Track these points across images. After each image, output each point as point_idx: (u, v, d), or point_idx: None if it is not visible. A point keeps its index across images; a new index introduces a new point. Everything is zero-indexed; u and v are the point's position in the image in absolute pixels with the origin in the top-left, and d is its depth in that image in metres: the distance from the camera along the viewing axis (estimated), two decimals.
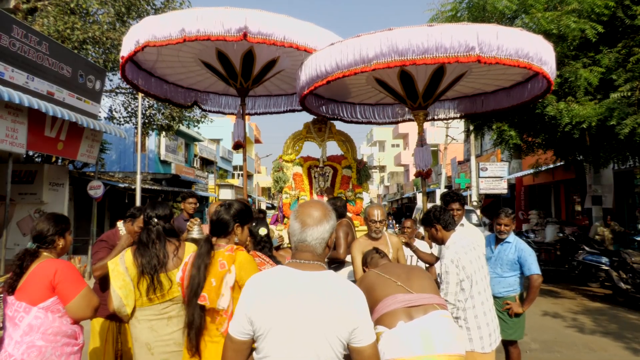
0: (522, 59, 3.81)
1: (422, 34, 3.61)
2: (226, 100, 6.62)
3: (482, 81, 5.41)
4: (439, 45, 3.59)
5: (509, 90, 5.47)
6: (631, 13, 7.41)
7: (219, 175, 32.59)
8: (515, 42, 3.75)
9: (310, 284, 1.58)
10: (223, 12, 3.98)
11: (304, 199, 5.41)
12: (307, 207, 1.70)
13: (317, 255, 1.66)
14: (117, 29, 11.92)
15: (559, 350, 5.35)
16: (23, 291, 2.27)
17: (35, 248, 2.43)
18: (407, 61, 3.65)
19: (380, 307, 2.31)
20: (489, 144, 20.59)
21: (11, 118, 7.92)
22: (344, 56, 3.85)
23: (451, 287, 2.90)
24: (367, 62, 3.74)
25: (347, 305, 1.56)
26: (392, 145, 52.81)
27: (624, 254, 8.15)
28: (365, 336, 1.57)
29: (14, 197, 9.84)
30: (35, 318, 2.22)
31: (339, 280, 1.65)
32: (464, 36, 3.60)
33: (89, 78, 10.26)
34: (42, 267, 2.30)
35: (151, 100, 14.93)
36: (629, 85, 7.21)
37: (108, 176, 16.47)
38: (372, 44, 3.70)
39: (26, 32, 8.24)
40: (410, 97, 4.83)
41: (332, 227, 1.69)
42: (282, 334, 1.53)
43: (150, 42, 4.14)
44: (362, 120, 6.42)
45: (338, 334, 1.53)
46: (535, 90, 4.98)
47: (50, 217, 2.52)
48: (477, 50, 3.61)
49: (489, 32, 3.69)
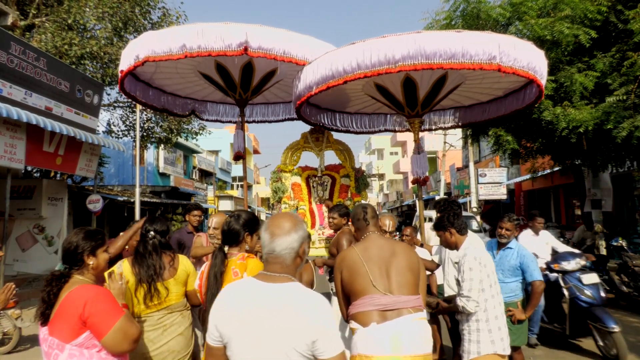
0: (531, 71, 3.96)
1: (451, 39, 3.67)
2: (224, 108, 6.66)
3: (474, 91, 5.48)
4: (465, 51, 3.63)
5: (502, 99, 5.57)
6: (624, 17, 7.48)
7: (218, 187, 32.57)
8: (528, 55, 3.90)
9: (272, 296, 1.59)
10: (223, 28, 4.02)
11: (303, 208, 5.41)
12: (276, 218, 1.72)
13: (287, 267, 1.66)
14: (115, 44, 12.00)
15: (562, 356, 5.31)
16: (54, 325, 2.00)
17: (65, 270, 2.11)
18: (434, 64, 3.65)
19: (357, 303, 2.43)
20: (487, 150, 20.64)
21: (9, 134, 7.94)
22: (366, 56, 3.78)
23: (475, 284, 2.92)
24: (392, 63, 3.70)
25: (307, 318, 1.54)
26: (391, 153, 52.91)
27: (626, 258, 8.13)
28: (327, 348, 1.53)
29: (12, 212, 9.82)
30: (70, 356, 1.97)
31: (304, 292, 1.63)
32: (488, 45, 3.68)
33: (87, 93, 10.30)
34: (70, 298, 1.99)
35: (149, 113, 14.98)
36: (624, 89, 7.26)
37: (107, 190, 16.46)
38: (400, 46, 3.68)
39: (24, 48, 8.29)
40: (409, 105, 4.86)
41: (302, 238, 1.68)
42: (243, 344, 1.57)
43: (150, 57, 4.18)
44: (357, 130, 6.46)
45: (295, 346, 1.52)
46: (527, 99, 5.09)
47: (79, 232, 2.18)
48: (498, 60, 3.69)
49: (508, 43, 3.80)
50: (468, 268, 2.95)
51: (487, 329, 2.97)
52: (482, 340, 2.97)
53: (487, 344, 2.96)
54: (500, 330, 2.99)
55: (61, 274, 2.08)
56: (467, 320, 3.04)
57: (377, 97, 5.19)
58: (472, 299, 2.91)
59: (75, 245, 2.11)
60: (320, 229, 5.34)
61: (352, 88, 5.23)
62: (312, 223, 5.43)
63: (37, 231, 10.78)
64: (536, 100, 4.95)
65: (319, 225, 5.42)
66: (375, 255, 2.53)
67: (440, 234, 3.27)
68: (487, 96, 5.72)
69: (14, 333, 5.84)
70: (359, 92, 5.42)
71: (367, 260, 2.49)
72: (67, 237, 2.18)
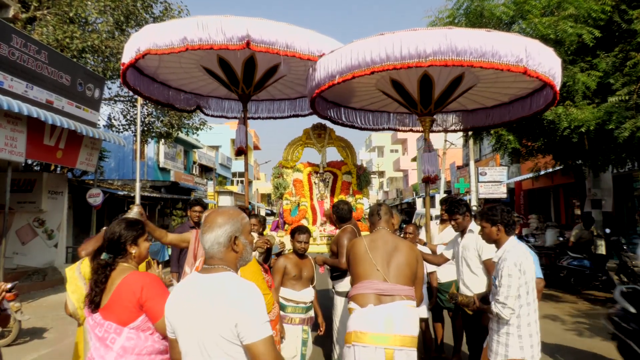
0: (551, 77, 3.98)
1: (482, 37, 3.66)
2: (229, 104, 6.63)
3: (485, 94, 5.47)
4: (495, 51, 3.61)
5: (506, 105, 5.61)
6: (627, 17, 7.46)
7: (218, 182, 32.57)
8: (550, 60, 3.92)
9: (205, 286, 1.64)
10: (225, 21, 3.98)
11: (305, 205, 5.40)
12: (209, 215, 1.77)
13: (221, 260, 1.69)
14: (116, 38, 11.97)
15: (561, 355, 5.32)
16: (110, 310, 2.09)
17: (110, 259, 2.21)
18: (464, 62, 3.63)
19: (358, 286, 2.84)
20: (488, 149, 20.64)
21: (10, 127, 7.92)
22: (396, 48, 3.74)
23: (512, 291, 2.83)
24: (423, 57, 3.66)
25: (228, 303, 1.57)
26: (391, 150, 52.88)
27: (625, 258, 8.14)
28: (249, 333, 1.53)
29: (12, 205, 9.81)
30: (128, 339, 2.08)
31: (233, 279, 1.65)
32: (516, 46, 3.69)
33: (88, 86, 10.28)
34: (127, 283, 2.10)
35: (150, 108, 14.96)
36: (627, 89, 7.24)
37: (107, 184, 16.46)
38: (431, 40, 3.65)
39: (25, 41, 8.26)
40: (423, 103, 4.84)
41: (228, 231, 1.69)
42: (183, 334, 1.65)
43: (152, 50, 4.15)
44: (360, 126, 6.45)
45: (221, 333, 1.55)
46: (540, 104, 5.09)
47: (121, 222, 2.29)
48: (525, 62, 3.69)
49: (534, 47, 3.81)
50: (507, 274, 2.86)
51: (518, 334, 2.91)
52: (511, 345, 2.91)
53: (516, 349, 2.90)
54: (532, 337, 2.92)
55: (107, 262, 2.18)
56: (498, 321, 2.98)
57: (390, 93, 5.13)
58: (508, 307, 2.84)
59: (119, 235, 2.21)
60: (321, 225, 5.33)
61: (366, 82, 5.16)
62: (314, 220, 5.42)
63: (37, 224, 10.78)
64: (547, 107, 4.94)
65: (321, 221, 5.41)
66: (380, 247, 2.94)
67: (486, 225, 3.14)
68: (493, 101, 5.73)
69: (14, 326, 5.85)
70: (370, 88, 5.37)
71: (372, 250, 2.90)
72: (110, 227, 2.28)
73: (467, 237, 3.97)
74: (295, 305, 3.82)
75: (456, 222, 3.98)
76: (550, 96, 4.76)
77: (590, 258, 9.14)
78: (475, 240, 3.78)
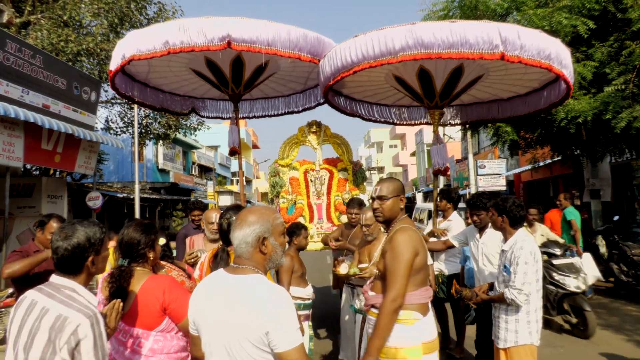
0: (544, 60, 3.80)
1: (448, 28, 3.64)
2: (224, 105, 6.63)
3: (498, 86, 5.39)
4: (464, 40, 3.59)
5: (525, 97, 5.47)
6: (622, 7, 7.44)
7: (217, 182, 32.58)
8: (537, 42, 3.77)
9: (233, 286, 1.62)
10: (205, 22, 3.98)
11: (301, 203, 5.41)
12: (242, 212, 1.75)
13: (249, 260, 1.65)
14: (111, 40, 11.95)
15: (561, 345, 5.34)
16: (134, 316, 2.09)
17: (128, 265, 2.21)
18: (432, 54, 3.64)
19: (420, 294, 2.43)
20: (486, 142, 20.62)
21: (7, 132, 7.93)
22: (369, 47, 3.82)
23: (528, 277, 2.98)
24: (393, 54, 3.74)
25: (260, 309, 1.53)
26: (390, 146, 52.86)
27: (624, 247, 8.15)
28: (280, 341, 1.51)
29: (12, 211, 9.83)
30: (156, 342, 2.11)
31: (262, 284, 1.61)
32: (488, 33, 3.61)
33: (84, 90, 10.28)
34: (148, 290, 2.11)
35: (147, 110, 14.95)
36: (623, 78, 7.23)
37: (106, 187, 16.47)
38: (398, 36, 3.70)
39: (20, 46, 8.26)
40: (428, 96, 4.84)
41: (257, 232, 1.64)
42: (209, 332, 1.63)
43: (136, 56, 4.16)
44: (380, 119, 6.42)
45: (248, 337, 1.53)
46: (553, 97, 4.97)
47: (138, 227, 2.26)
48: (502, 48, 3.61)
49: (511, 30, 3.70)
50: (524, 262, 2.99)
51: (527, 320, 3.05)
52: (521, 330, 3.04)
53: (526, 335, 3.04)
54: (537, 323, 3.09)
55: (127, 268, 2.17)
56: (506, 309, 3.10)
57: (399, 89, 5.17)
58: (524, 292, 2.97)
59: (138, 241, 2.22)
60: (318, 222, 5.35)
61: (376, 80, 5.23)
62: (311, 217, 5.44)
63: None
64: (566, 95, 4.76)
65: (317, 219, 5.42)
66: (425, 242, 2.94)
67: (494, 213, 3.25)
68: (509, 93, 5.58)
69: None
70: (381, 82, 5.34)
71: (423, 250, 2.47)
72: (126, 232, 2.24)
73: (488, 233, 3.94)
74: (302, 302, 3.84)
75: (479, 218, 3.90)
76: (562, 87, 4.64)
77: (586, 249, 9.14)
78: (499, 237, 3.71)
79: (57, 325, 1.54)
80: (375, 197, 2.42)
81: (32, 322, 1.57)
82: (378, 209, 2.44)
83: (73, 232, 1.70)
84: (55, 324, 1.55)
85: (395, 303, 2.24)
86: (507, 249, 3.19)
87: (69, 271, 1.69)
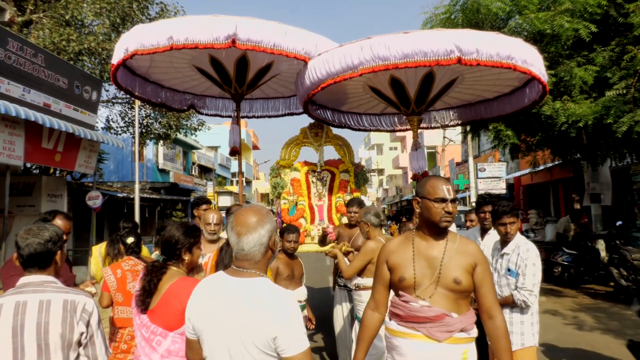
0: (504, 60, 3.88)
1: (401, 40, 3.80)
2: (223, 103, 6.61)
3: (476, 88, 5.46)
4: (418, 50, 3.74)
5: (509, 95, 5.54)
6: (624, 11, 7.45)
7: (217, 183, 32.56)
8: (494, 44, 3.88)
9: (238, 290, 1.59)
10: (212, 20, 3.97)
11: (302, 204, 5.40)
12: (240, 215, 1.66)
13: (256, 263, 1.64)
14: (113, 40, 11.94)
15: (561, 349, 5.33)
16: (157, 314, 2.14)
17: (163, 262, 2.26)
18: (390, 65, 3.81)
19: None
20: (486, 145, 20.64)
21: (8, 130, 7.92)
22: (331, 65, 4.05)
23: (537, 279, 3.08)
24: (353, 68, 3.94)
25: (267, 313, 1.52)
26: (390, 148, 52.85)
27: (624, 251, 8.15)
28: (289, 346, 1.50)
29: (12, 209, 9.82)
30: (173, 343, 2.12)
31: (269, 287, 1.61)
32: (443, 41, 3.77)
33: (85, 89, 10.27)
34: (174, 291, 2.14)
35: (148, 110, 14.94)
36: (624, 82, 7.24)
37: (106, 186, 16.45)
38: (356, 52, 3.90)
39: (21, 44, 8.26)
40: (404, 104, 4.89)
41: (269, 231, 1.65)
42: (210, 336, 1.60)
43: (139, 51, 4.16)
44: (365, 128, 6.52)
45: (255, 342, 1.51)
46: (533, 95, 5.04)
47: (180, 228, 2.31)
48: (456, 53, 3.73)
49: (466, 36, 3.87)
50: (532, 264, 3.07)
51: (531, 322, 3.11)
52: (526, 333, 3.08)
53: (530, 336, 3.09)
54: (538, 324, 3.18)
55: (161, 265, 2.24)
56: (511, 312, 3.12)
57: (376, 98, 5.25)
58: (534, 294, 3.05)
59: (176, 240, 2.25)
60: (319, 224, 5.34)
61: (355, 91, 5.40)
62: (312, 219, 5.43)
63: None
64: (544, 92, 4.87)
65: (318, 220, 5.42)
66: None
67: (517, 220, 3.28)
68: (489, 94, 5.70)
69: None
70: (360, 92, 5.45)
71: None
72: (169, 229, 2.32)
73: (491, 235, 3.89)
74: None
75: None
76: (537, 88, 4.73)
77: (586, 253, 9.14)
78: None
79: (69, 307, 1.75)
80: (452, 199, 2.14)
81: (35, 316, 1.69)
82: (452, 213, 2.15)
83: (39, 230, 1.82)
84: (67, 306, 1.74)
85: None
86: (510, 252, 3.21)
87: (41, 266, 1.80)
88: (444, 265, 2.07)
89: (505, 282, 3.19)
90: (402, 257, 2.15)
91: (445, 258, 2.08)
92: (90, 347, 1.79)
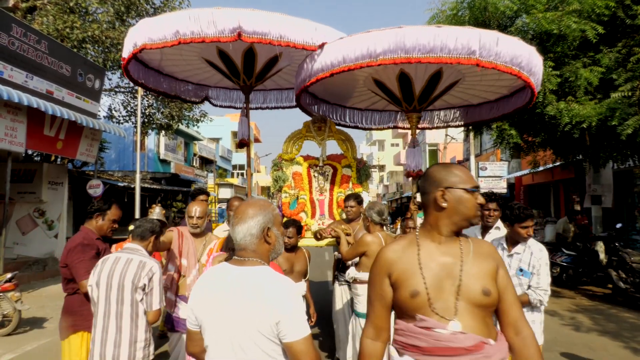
0: (515, 67, 3.87)
1: (429, 33, 3.66)
2: (237, 94, 6.56)
3: (470, 92, 5.46)
4: (443, 45, 3.62)
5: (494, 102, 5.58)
6: (631, 13, 7.40)
7: (218, 175, 32.56)
8: (513, 50, 3.81)
9: (240, 278, 1.60)
10: (216, 13, 3.93)
11: (304, 198, 5.39)
12: (240, 206, 1.72)
13: (254, 252, 1.66)
14: (117, 28, 11.90)
15: (558, 350, 5.34)
16: None
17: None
18: (412, 59, 3.67)
19: None
20: (488, 143, 20.58)
21: (10, 117, 7.91)
22: (351, 50, 3.85)
23: (549, 278, 3.15)
24: (374, 57, 3.76)
25: (269, 300, 1.54)
26: (392, 144, 52.80)
27: (624, 254, 8.15)
28: (290, 331, 1.52)
29: (13, 196, 9.82)
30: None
31: (270, 275, 1.63)
32: (468, 39, 3.64)
33: (88, 77, 10.24)
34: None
35: (150, 99, 14.91)
36: (630, 85, 7.20)
37: (107, 175, 16.46)
38: (381, 40, 3.73)
39: (25, 30, 8.22)
40: (406, 100, 4.85)
41: (261, 223, 1.66)
42: (213, 326, 1.60)
43: (147, 45, 4.13)
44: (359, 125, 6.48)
45: (259, 328, 1.53)
46: (519, 102, 5.05)
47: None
48: (477, 54, 3.66)
49: (491, 38, 3.73)
50: (545, 263, 3.13)
51: (540, 320, 3.16)
52: (537, 332, 3.08)
53: (539, 336, 3.12)
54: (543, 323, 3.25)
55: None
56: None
57: (377, 92, 5.19)
58: (548, 293, 3.11)
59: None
60: (320, 218, 5.33)
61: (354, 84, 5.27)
62: (313, 213, 5.42)
63: (38, 215, 10.80)
64: (529, 101, 4.86)
65: (319, 215, 5.40)
66: None
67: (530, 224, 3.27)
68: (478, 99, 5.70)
69: (14, 315, 5.88)
70: (360, 87, 5.39)
71: None
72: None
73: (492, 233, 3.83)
74: None
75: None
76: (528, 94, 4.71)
77: (585, 255, 9.14)
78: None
79: (141, 265, 2.74)
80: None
81: (122, 267, 2.72)
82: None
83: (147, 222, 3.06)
84: (140, 264, 2.75)
85: None
86: (520, 251, 3.23)
87: (140, 239, 2.96)
88: (465, 272, 1.59)
89: (517, 282, 3.18)
90: (408, 266, 1.63)
91: (465, 263, 1.61)
92: (150, 294, 2.73)
